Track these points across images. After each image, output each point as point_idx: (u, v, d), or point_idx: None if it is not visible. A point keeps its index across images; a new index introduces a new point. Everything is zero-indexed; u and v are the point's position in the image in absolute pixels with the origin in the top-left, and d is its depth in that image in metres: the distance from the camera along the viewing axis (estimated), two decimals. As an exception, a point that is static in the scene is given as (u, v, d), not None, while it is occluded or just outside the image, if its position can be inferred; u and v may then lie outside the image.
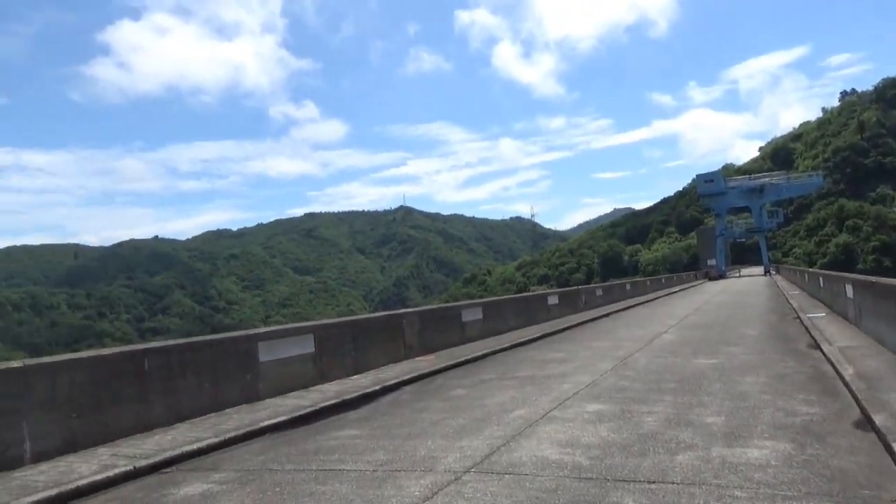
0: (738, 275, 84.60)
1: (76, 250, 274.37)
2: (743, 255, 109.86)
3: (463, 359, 14.43)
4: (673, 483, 5.21)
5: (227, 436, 7.97)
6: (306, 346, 11.51)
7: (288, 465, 6.68)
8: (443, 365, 13.61)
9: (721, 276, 77.99)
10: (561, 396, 9.54)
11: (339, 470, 6.34)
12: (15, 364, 7.19)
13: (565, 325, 22.20)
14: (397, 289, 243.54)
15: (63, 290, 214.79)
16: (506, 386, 10.93)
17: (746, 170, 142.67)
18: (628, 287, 41.73)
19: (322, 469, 6.43)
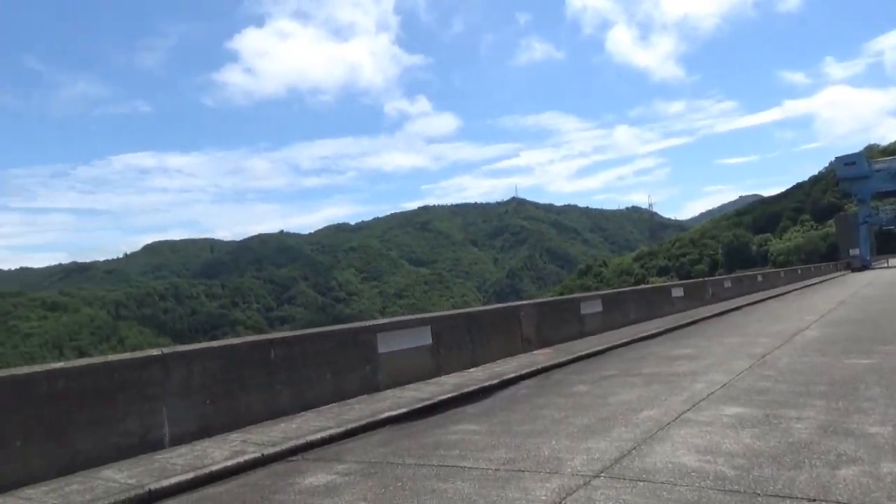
0: (885, 265, 77.31)
1: (212, 244, 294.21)
2: (890, 244, 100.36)
3: (582, 353, 13.93)
4: (838, 502, 4.60)
5: (350, 426, 8.03)
6: (424, 338, 11.48)
7: (409, 459, 6.59)
8: (561, 359, 13.19)
9: (865, 267, 71.62)
10: (693, 397, 8.89)
11: (461, 467, 6.16)
12: (155, 352, 7.58)
13: (691, 319, 21.03)
14: (511, 280, 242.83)
15: (201, 281, 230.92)
16: (630, 383, 10.37)
17: (894, 150, 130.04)
18: (760, 278, 39.11)
19: (443, 465, 6.28)
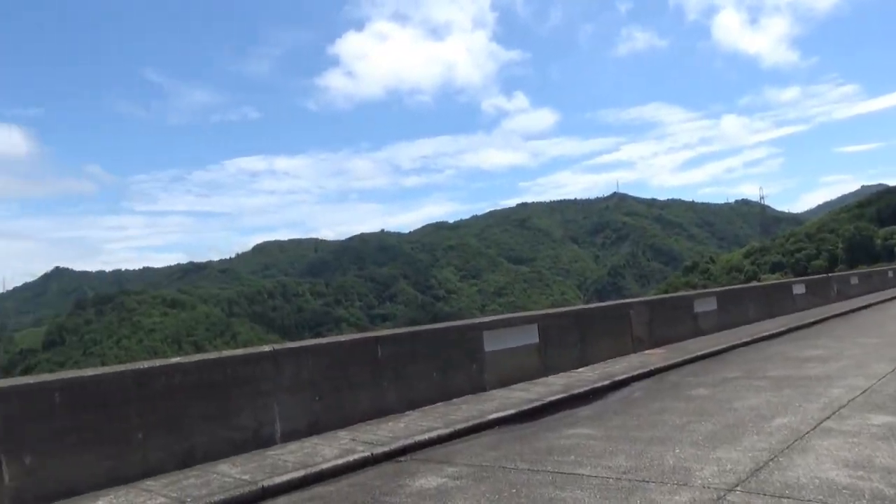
0: None
1: (316, 244, 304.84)
2: None
3: (699, 353, 13.11)
4: None
5: (457, 427, 7.81)
6: (530, 336, 11.12)
7: (521, 464, 6.28)
8: (676, 360, 12.46)
9: None
10: (832, 403, 8.05)
11: (578, 475, 5.78)
12: (266, 349, 7.65)
13: (816, 318, 19.47)
14: (612, 278, 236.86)
15: (307, 279, 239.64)
16: (757, 387, 9.58)
17: None
18: (891, 274, 35.93)
19: (559, 472, 5.92)
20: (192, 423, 6.77)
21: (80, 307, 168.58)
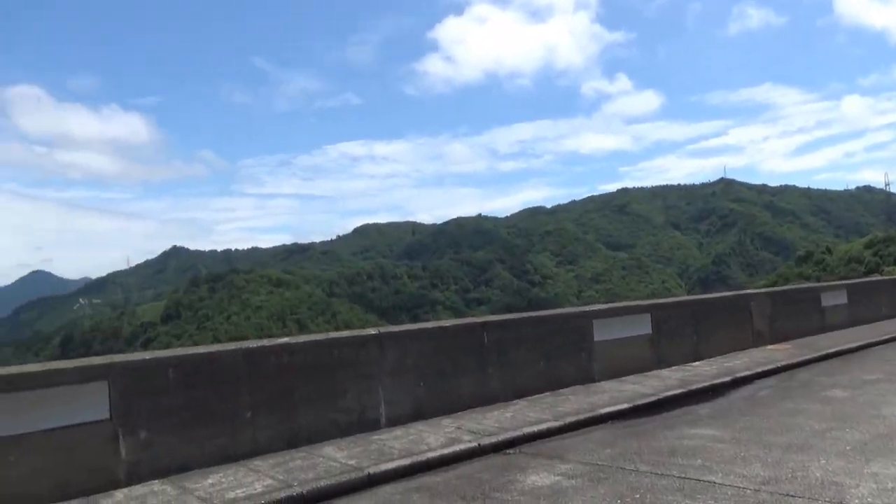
0: None
1: (414, 227, 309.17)
2: None
3: (830, 351, 11.98)
4: None
5: (568, 420, 7.38)
6: (643, 326, 10.48)
7: (642, 466, 5.77)
8: (804, 357, 11.43)
9: None
10: None
11: (709, 482, 5.22)
12: (371, 331, 7.49)
13: (964, 316, 17.48)
14: (717, 267, 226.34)
15: (404, 262, 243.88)
16: (905, 392, 8.55)
17: None
18: None
19: (686, 477, 5.38)
20: (298, 404, 6.71)
21: (194, 284, 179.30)
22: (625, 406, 8.02)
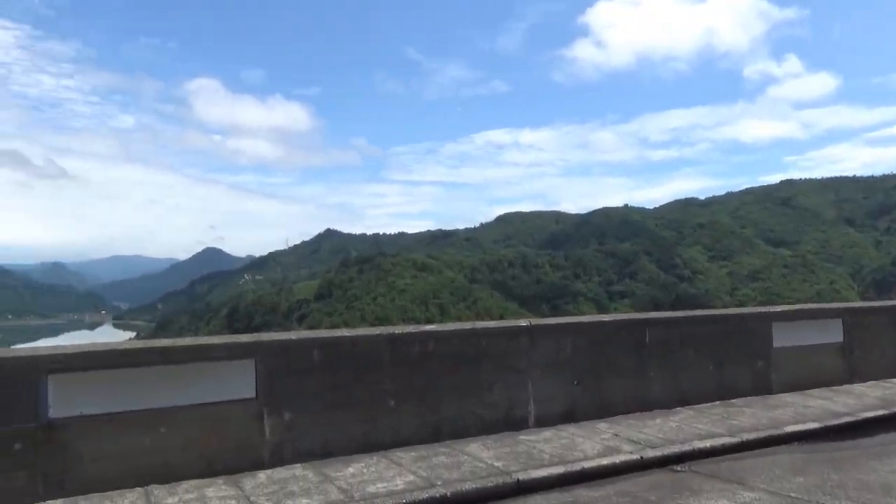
0: None
1: (557, 217, 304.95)
2: None
3: None
4: None
5: (745, 436, 6.41)
6: (832, 333, 9.09)
7: (848, 504, 4.77)
8: None
9: None
10: None
11: (947, 537, 4.15)
12: (522, 323, 6.93)
13: None
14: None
15: (546, 251, 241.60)
16: None
17: None
18: None
19: (913, 526, 4.34)
20: (442, 395, 6.30)
21: (344, 265, 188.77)
22: (814, 426, 6.88)
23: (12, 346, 5.07)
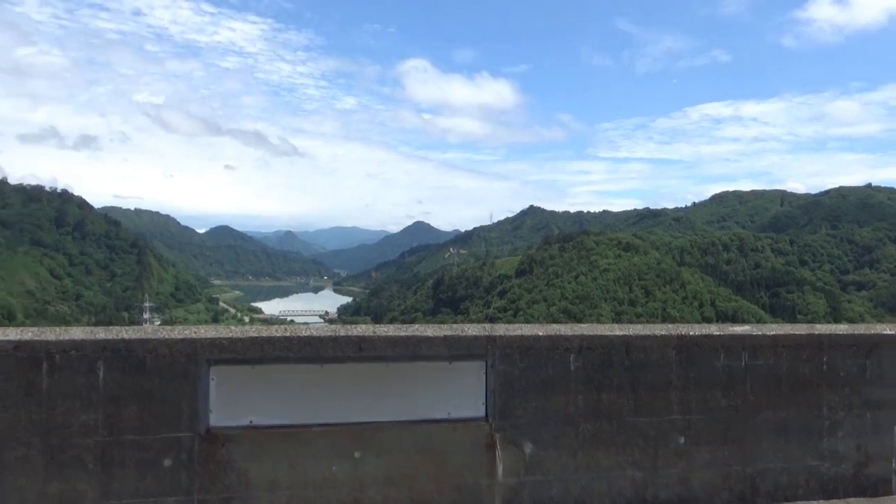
0: None
1: (783, 197, 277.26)
2: None
3: None
4: None
5: None
6: None
7: None
8: None
9: None
10: None
11: None
12: (889, 330, 4.43)
13: None
14: None
15: (768, 234, 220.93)
16: None
17: None
18: None
19: None
20: (759, 435, 4.10)
21: (546, 242, 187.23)
22: None
23: (174, 326, 3.77)
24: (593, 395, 3.87)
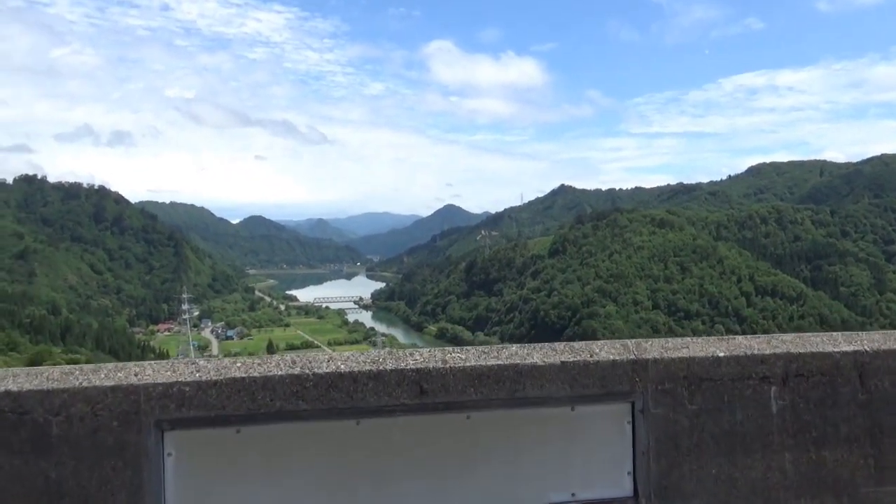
0: None
1: (822, 167, 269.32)
2: None
3: None
4: None
5: None
6: None
7: None
8: None
9: None
10: None
11: None
12: None
13: None
14: None
15: (807, 206, 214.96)
16: None
17: None
18: None
19: None
20: None
21: (579, 221, 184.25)
22: None
23: (98, 365, 2.30)
24: (809, 452, 2.32)
